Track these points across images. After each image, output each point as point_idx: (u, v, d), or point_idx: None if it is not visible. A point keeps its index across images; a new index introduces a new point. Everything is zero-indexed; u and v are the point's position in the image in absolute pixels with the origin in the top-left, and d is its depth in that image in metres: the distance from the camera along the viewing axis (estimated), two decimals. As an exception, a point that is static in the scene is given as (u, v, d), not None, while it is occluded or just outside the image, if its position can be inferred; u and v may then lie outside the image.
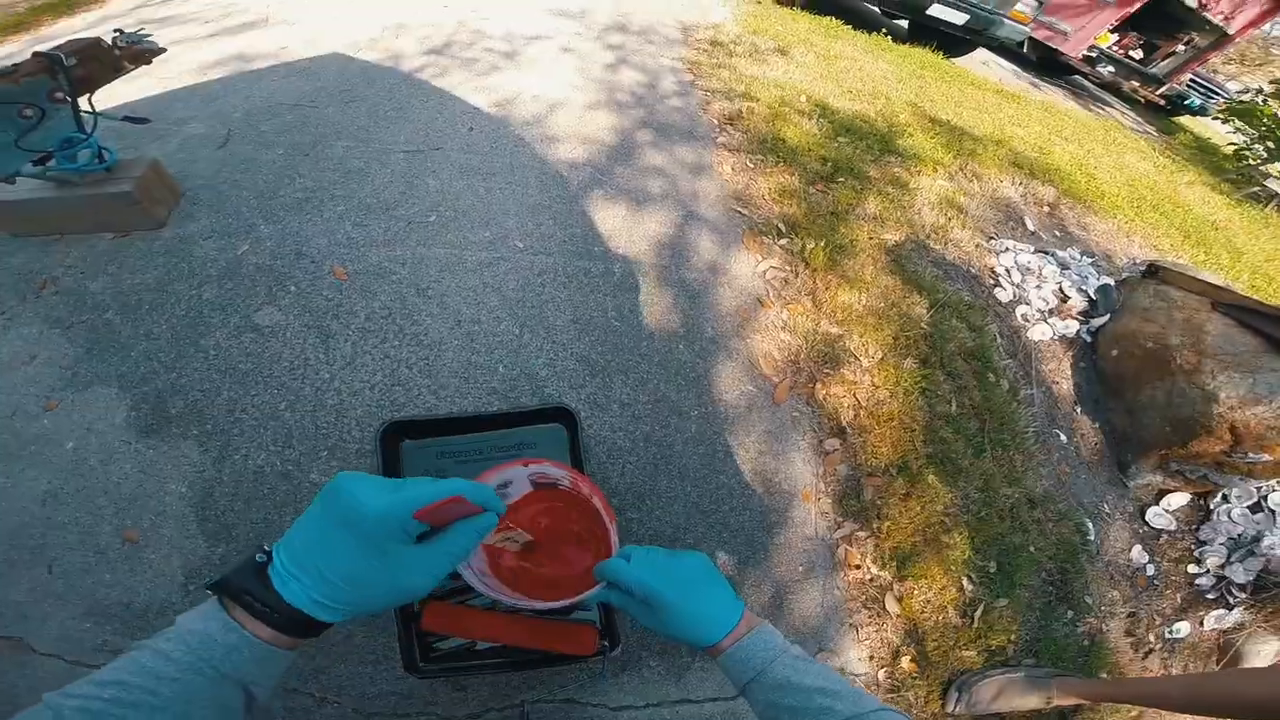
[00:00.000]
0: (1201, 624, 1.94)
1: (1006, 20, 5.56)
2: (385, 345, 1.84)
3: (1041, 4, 5.70)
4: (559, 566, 1.06)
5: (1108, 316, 2.43)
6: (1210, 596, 1.98)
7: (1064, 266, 2.73)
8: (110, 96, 1.88)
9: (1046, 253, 2.80)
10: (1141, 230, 3.42)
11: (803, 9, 5.32)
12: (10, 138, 1.67)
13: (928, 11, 5.44)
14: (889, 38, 5.35)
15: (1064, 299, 2.57)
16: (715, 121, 2.99)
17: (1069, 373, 2.38)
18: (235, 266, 1.95)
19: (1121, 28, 7.55)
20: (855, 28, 5.22)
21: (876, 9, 6.21)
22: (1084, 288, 2.59)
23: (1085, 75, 8.25)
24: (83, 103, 1.78)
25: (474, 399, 1.77)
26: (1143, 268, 2.45)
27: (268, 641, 0.60)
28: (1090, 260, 2.80)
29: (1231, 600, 1.95)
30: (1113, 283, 2.57)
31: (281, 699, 1.32)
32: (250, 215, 2.11)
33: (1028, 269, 2.68)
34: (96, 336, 1.75)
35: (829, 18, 5.23)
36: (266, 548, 0.63)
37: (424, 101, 2.77)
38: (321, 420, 1.67)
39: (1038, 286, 2.62)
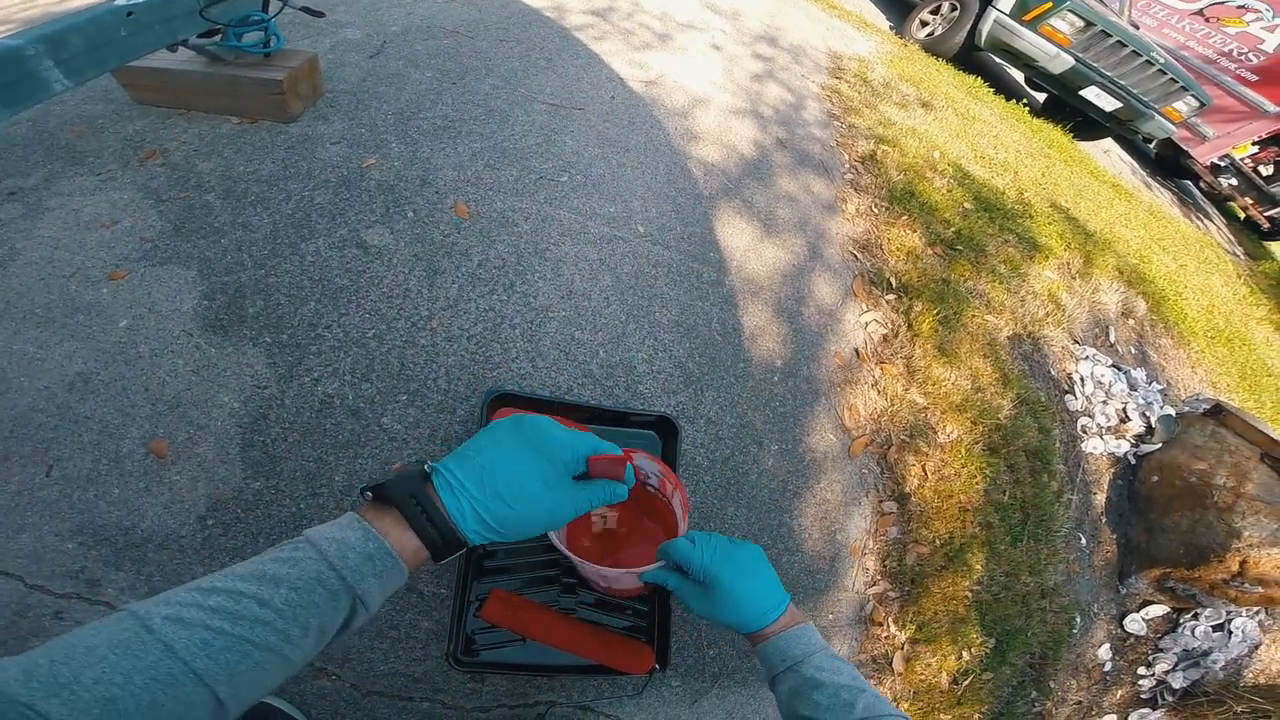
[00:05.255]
0: (1125, 719, 1.88)
1: (1158, 115, 4.72)
2: (492, 297, 1.46)
3: (1203, 106, 4.82)
4: (625, 558, 0.99)
5: (1159, 445, 2.17)
6: (1145, 696, 1.93)
7: (1133, 387, 2.37)
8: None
9: (1121, 369, 2.42)
10: (1207, 364, 2.97)
11: (949, 62, 4.63)
12: (197, 5, 1.35)
13: (1080, 92, 4.63)
14: (1027, 108, 4.64)
15: (1124, 419, 2.25)
16: (850, 159, 2.53)
17: (1105, 486, 2.11)
18: (356, 178, 1.57)
19: (1265, 141, 6.41)
20: (995, 91, 4.55)
21: (1021, 77, 5.47)
22: (1146, 413, 2.27)
23: (1202, 182, 6.99)
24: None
25: (569, 377, 1.41)
26: (1206, 405, 2.21)
27: (402, 557, 0.53)
28: (1159, 388, 2.43)
29: (1160, 702, 1.91)
30: (1174, 414, 2.25)
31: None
32: (384, 130, 1.72)
33: (1100, 382, 2.33)
34: (190, 215, 1.38)
35: (974, 77, 4.55)
36: (429, 464, 0.57)
37: (574, 58, 2.35)
38: (409, 359, 1.30)
39: (1104, 402, 2.29)
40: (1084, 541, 1.97)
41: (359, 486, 0.87)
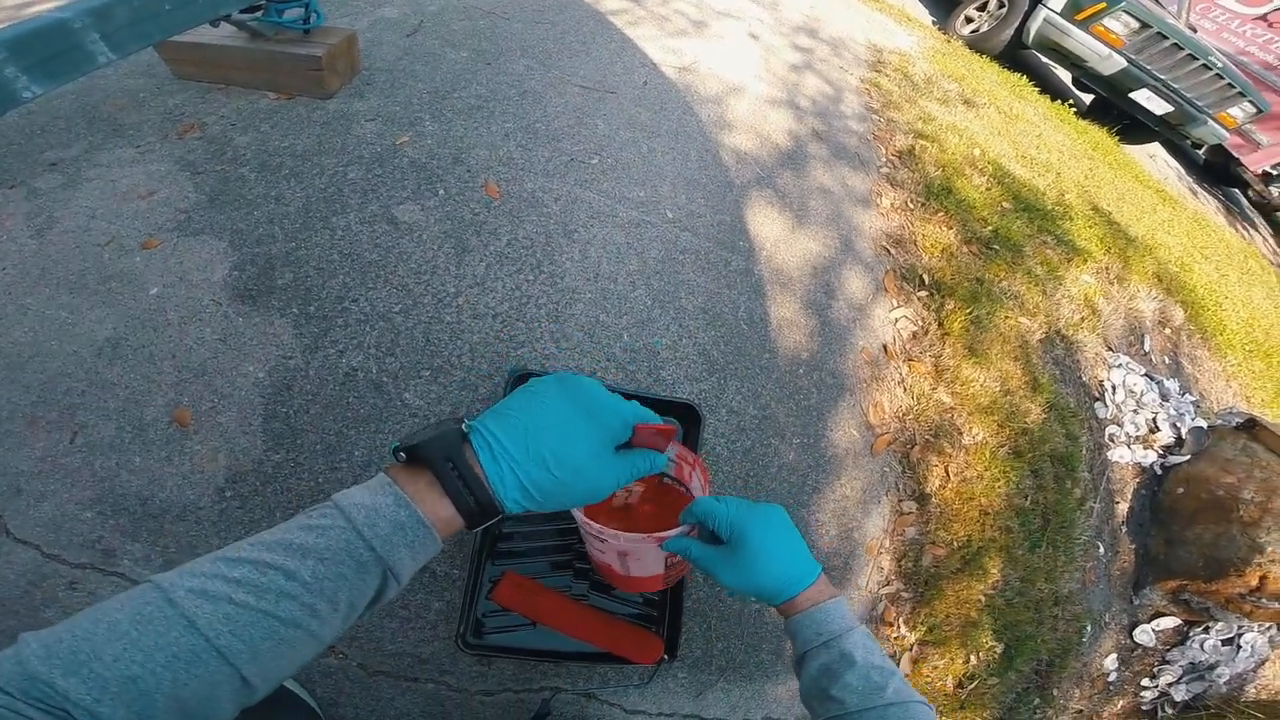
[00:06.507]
0: None
1: (1211, 121, 4.46)
2: (519, 276, 1.43)
3: (1260, 112, 4.55)
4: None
5: (1187, 457, 2.09)
6: (1145, 708, 1.88)
7: (1165, 398, 2.27)
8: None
9: (1154, 379, 2.31)
10: (1242, 378, 2.82)
11: (994, 59, 4.44)
12: None
13: (1130, 95, 4.41)
14: (1073, 109, 4.43)
15: (1153, 430, 2.16)
16: (887, 154, 2.45)
17: (1129, 495, 2.03)
18: (389, 155, 1.55)
19: None
20: (1040, 90, 4.35)
21: (1067, 77, 5.20)
22: (1177, 424, 2.18)
23: (1251, 191, 6.63)
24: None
25: (593, 360, 1.38)
26: (1239, 419, 2.15)
27: (436, 526, 0.48)
28: (1191, 400, 2.32)
29: (1160, 714, 1.87)
30: (1205, 426, 2.17)
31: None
32: (419, 108, 1.70)
33: (1132, 391, 2.24)
34: (225, 187, 1.38)
35: (1018, 75, 4.35)
36: (466, 423, 0.51)
37: (608, 42, 2.30)
38: (434, 335, 1.28)
39: (1135, 411, 2.19)
40: (1102, 550, 1.91)
41: (391, 445, 0.82)
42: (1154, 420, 2.18)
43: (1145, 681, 1.89)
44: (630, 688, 1.15)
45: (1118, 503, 2.00)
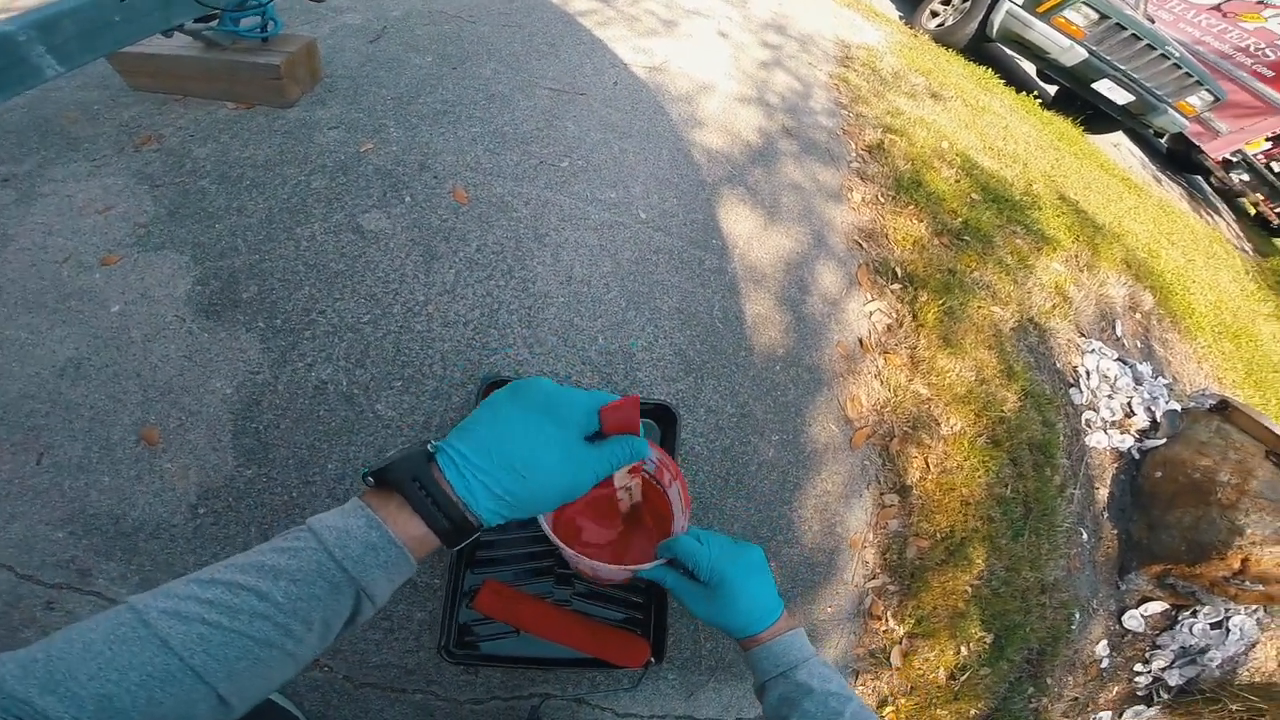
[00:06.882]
0: (1120, 716, 1.86)
1: (1171, 109, 4.62)
2: (490, 282, 1.44)
3: (1217, 100, 4.73)
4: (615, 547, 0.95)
5: (1163, 441, 2.14)
6: (1140, 694, 1.91)
7: (1138, 381, 2.33)
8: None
9: (1127, 363, 2.37)
10: (1213, 359, 2.91)
11: (959, 53, 4.55)
12: None
13: (1093, 85, 4.53)
14: (1038, 101, 4.56)
15: (1129, 414, 2.21)
16: (857, 148, 2.49)
17: (1108, 481, 2.08)
18: (353, 163, 1.55)
19: (1279, 138, 6.29)
20: (1006, 83, 4.47)
21: (1031, 69, 5.33)
22: (1151, 408, 2.23)
23: (1213, 178, 6.88)
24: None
25: (568, 364, 1.39)
26: (1212, 401, 2.20)
27: (409, 546, 0.49)
28: (1165, 383, 2.37)
29: (1155, 699, 1.90)
30: (1179, 409, 2.23)
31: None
32: (383, 115, 1.69)
33: (1106, 376, 2.29)
34: (185, 200, 1.37)
35: (984, 68, 4.46)
36: (432, 444, 0.52)
37: (576, 44, 2.31)
38: (405, 345, 1.28)
39: (1109, 396, 2.25)
40: (1085, 537, 1.94)
41: (361, 470, 0.83)
42: (1129, 404, 2.22)
43: (1138, 667, 1.92)
44: (621, 691, 1.16)
45: (1098, 488, 2.04)
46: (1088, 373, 2.27)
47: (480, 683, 1.08)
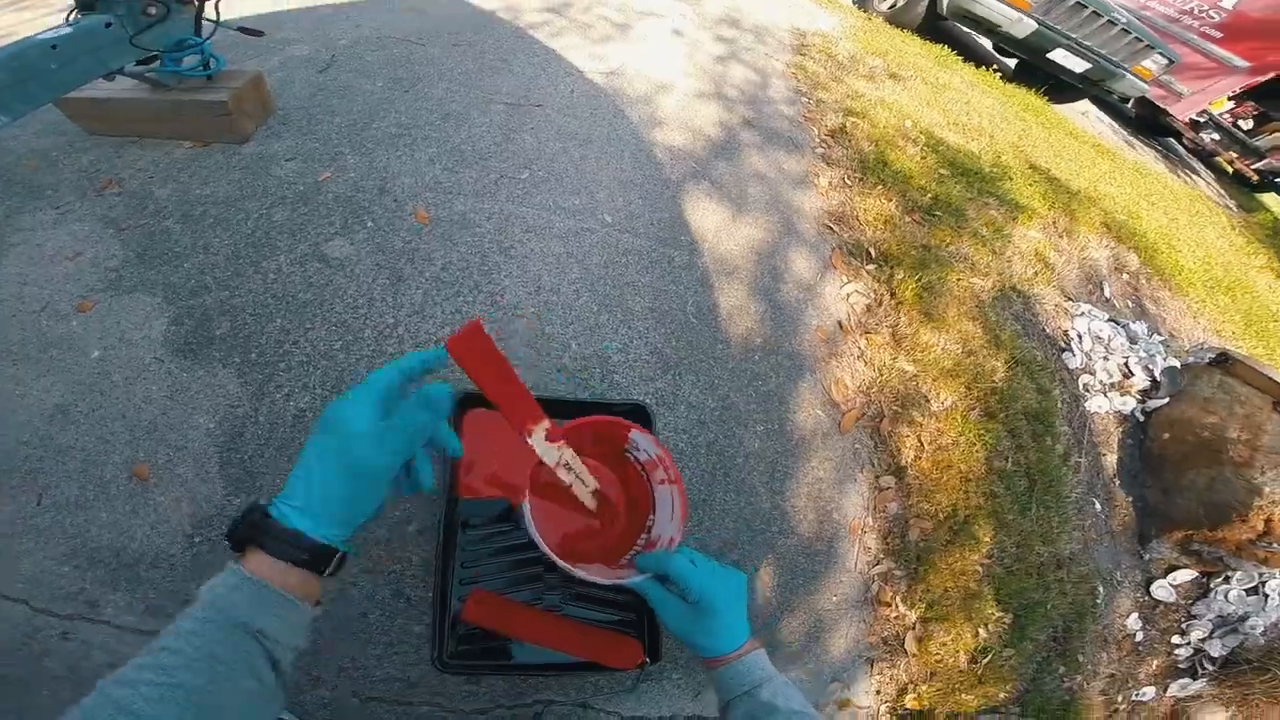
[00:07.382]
0: (1165, 690, 1.81)
1: (1129, 75, 4.74)
2: (458, 299, 1.47)
3: (1172, 63, 4.86)
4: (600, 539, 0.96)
5: (1166, 400, 2.11)
6: (1182, 666, 1.86)
7: (1133, 341, 2.32)
8: (226, 8, 1.54)
9: (1119, 323, 2.38)
10: (1209, 313, 2.95)
11: (915, 33, 4.64)
12: (128, 33, 1.34)
13: (1048, 55, 4.63)
14: (998, 74, 4.62)
15: (1127, 375, 2.20)
16: (819, 134, 2.55)
17: (1115, 446, 2.07)
18: (313, 192, 1.58)
19: (1240, 96, 6.36)
20: (964, 59, 4.54)
21: (989, 44, 5.41)
22: (1149, 366, 2.21)
23: (1185, 139, 7.01)
24: (208, 8, 1.49)
25: (541, 373, 1.41)
26: (1211, 354, 2.15)
27: (274, 580, 0.53)
28: (1160, 340, 2.38)
29: (1200, 671, 1.83)
30: (1179, 365, 2.19)
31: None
32: (339, 143, 1.73)
33: (1098, 338, 2.29)
34: (151, 242, 1.40)
35: (941, 46, 4.54)
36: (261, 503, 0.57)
37: (530, 57, 2.36)
38: (378, 368, 1.27)
39: (1105, 358, 2.24)
40: (1098, 506, 1.93)
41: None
42: (1126, 365, 2.21)
43: (1176, 639, 1.88)
44: (624, 694, 1.17)
45: (1104, 455, 2.03)
46: (1079, 335, 2.28)
47: (484, 692, 1.10)
